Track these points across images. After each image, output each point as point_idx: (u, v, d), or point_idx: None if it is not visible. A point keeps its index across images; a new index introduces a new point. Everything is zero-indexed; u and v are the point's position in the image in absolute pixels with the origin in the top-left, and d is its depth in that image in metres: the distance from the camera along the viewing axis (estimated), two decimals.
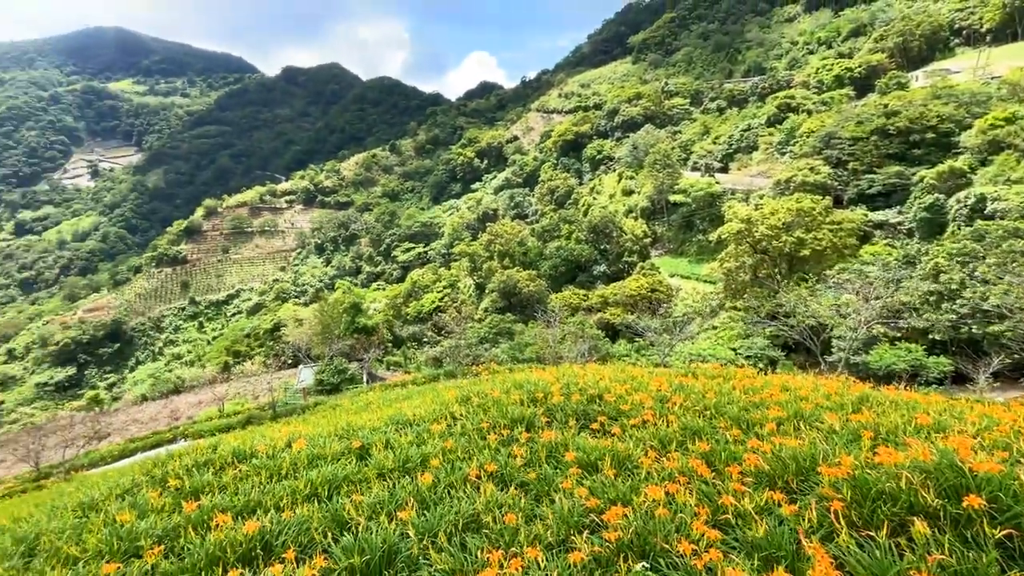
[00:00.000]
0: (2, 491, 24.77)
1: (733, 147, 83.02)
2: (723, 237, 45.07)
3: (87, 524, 5.29)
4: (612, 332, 43.87)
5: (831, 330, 26.14)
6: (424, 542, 4.11)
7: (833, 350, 26.69)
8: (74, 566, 4.29)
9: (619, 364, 17.69)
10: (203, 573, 3.97)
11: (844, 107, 71.06)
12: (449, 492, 5.08)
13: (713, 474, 4.83)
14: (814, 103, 79.24)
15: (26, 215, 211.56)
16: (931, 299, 30.47)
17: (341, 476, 5.63)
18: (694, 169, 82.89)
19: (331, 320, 53.18)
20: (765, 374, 10.52)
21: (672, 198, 71.12)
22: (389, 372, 46.35)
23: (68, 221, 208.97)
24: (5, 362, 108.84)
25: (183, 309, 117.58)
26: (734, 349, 34.03)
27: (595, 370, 11.44)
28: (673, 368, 16.05)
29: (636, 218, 74.94)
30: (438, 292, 74.96)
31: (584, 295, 54.13)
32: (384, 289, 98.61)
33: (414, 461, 5.97)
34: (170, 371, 80.00)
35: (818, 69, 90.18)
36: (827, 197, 47.72)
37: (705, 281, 55.27)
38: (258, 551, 4.23)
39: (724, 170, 79.46)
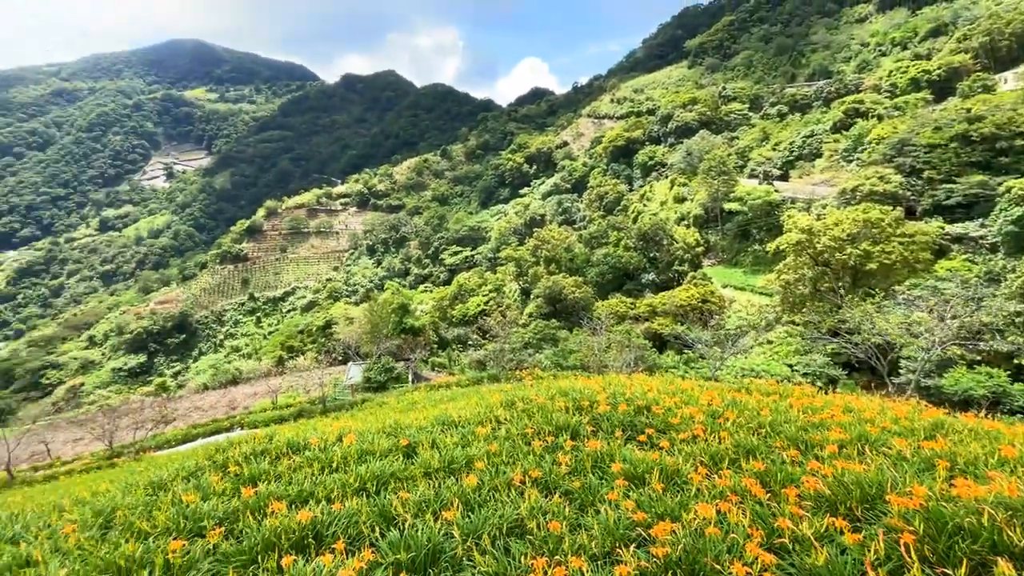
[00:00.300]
0: (80, 466, 26.94)
1: (794, 154, 79.46)
2: (781, 248, 43.07)
3: (156, 502, 5.66)
4: (659, 343, 42.81)
5: (900, 350, 24.40)
6: (468, 543, 4.14)
7: (901, 371, 24.91)
8: (145, 540, 4.59)
9: (667, 376, 17.24)
10: (259, 556, 4.15)
11: (920, 112, 66.50)
12: (493, 495, 5.10)
13: (768, 495, 4.63)
14: (886, 108, 74.65)
15: (109, 213, 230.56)
16: (1017, 320, 27.96)
17: (388, 473, 5.76)
18: (751, 176, 79.86)
19: (380, 320, 54.60)
20: (825, 393, 9.98)
21: (727, 206, 68.75)
22: (434, 373, 47.12)
23: (145, 219, 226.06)
24: (86, 347, 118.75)
25: (243, 304, 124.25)
26: (790, 365, 32.41)
27: (642, 381, 11.21)
28: (724, 383, 15.47)
29: (688, 226, 72.94)
30: (483, 296, 75.66)
31: (631, 303, 53.14)
32: (431, 291, 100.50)
33: (459, 462, 6.04)
34: (229, 363, 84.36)
35: (891, 72, 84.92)
36: (898, 208, 44.75)
37: (760, 293, 53.01)
38: (310, 540, 4.39)
39: (784, 178, 76.11)
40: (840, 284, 37.69)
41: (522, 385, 14.43)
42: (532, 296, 62.89)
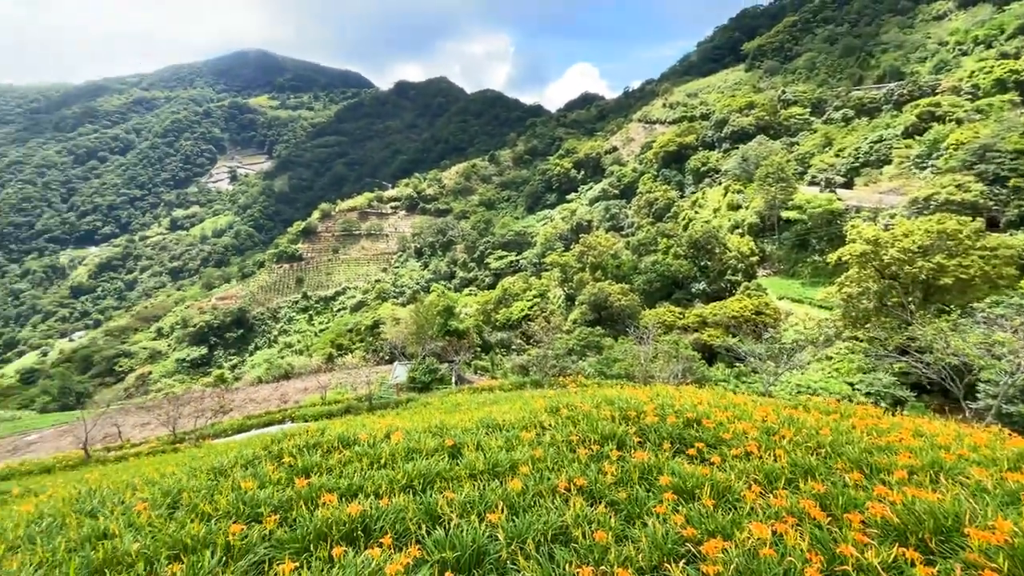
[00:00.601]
0: (147, 449, 28.82)
1: (860, 160, 75.21)
2: (844, 259, 40.73)
3: (218, 487, 5.99)
4: (709, 354, 41.43)
5: (979, 372, 22.52)
6: (513, 547, 4.14)
7: (980, 396, 22.95)
8: (207, 522, 4.87)
9: (717, 389, 16.66)
10: (312, 545, 4.31)
11: (1006, 115, 61.49)
12: (537, 501, 5.09)
13: (829, 519, 4.39)
14: (966, 111, 69.42)
15: (178, 213, 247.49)
16: None
17: (434, 472, 5.85)
18: (812, 184, 76.23)
19: (425, 321, 55.62)
20: (892, 415, 9.35)
21: (785, 214, 65.85)
22: (476, 376, 47.51)
23: (210, 219, 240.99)
24: (155, 338, 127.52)
25: (296, 302, 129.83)
26: (851, 384, 30.58)
27: (692, 393, 10.88)
28: (778, 399, 14.79)
29: (742, 234, 70.32)
30: (527, 301, 75.69)
31: (680, 313, 51.74)
32: (476, 295, 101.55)
33: (503, 466, 6.06)
34: (282, 358, 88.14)
35: (973, 72, 78.95)
36: (978, 218, 41.43)
37: (819, 306, 50.36)
38: (359, 532, 4.52)
39: (848, 185, 72.20)
40: (910, 299, 35.26)
41: (566, 392, 14.33)
42: (577, 302, 62.35)
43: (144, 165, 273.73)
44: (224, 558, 4.17)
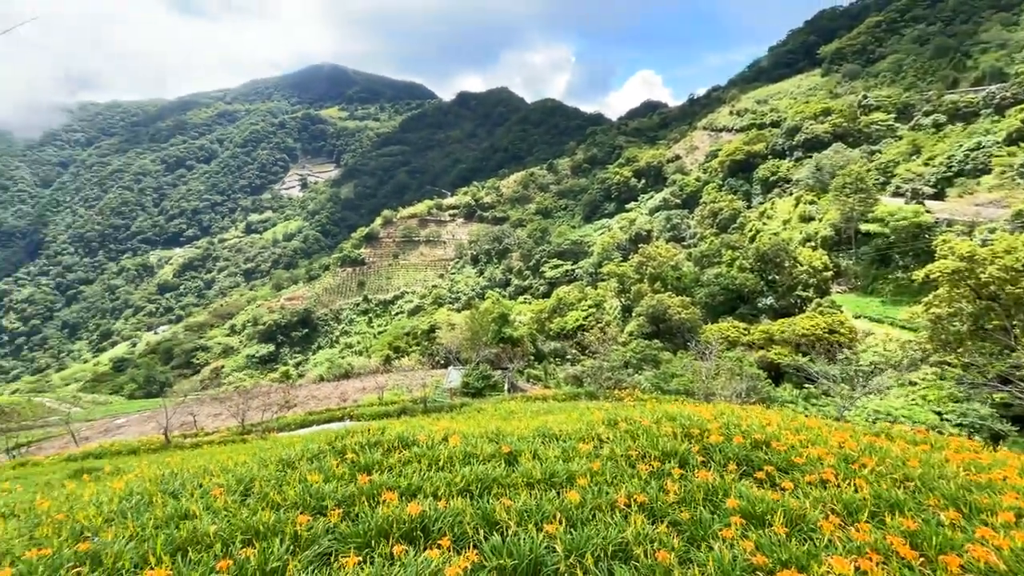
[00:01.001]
0: (219, 438, 30.74)
1: (953, 169, 69.22)
2: (932, 276, 37.37)
3: (286, 477, 6.28)
4: (775, 374, 39.22)
5: None
6: (571, 560, 4.05)
7: None
8: (277, 511, 5.10)
9: (786, 411, 15.72)
10: (373, 541, 4.41)
11: None
12: (595, 514, 4.97)
13: (920, 559, 3.99)
14: None
15: (253, 218, 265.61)
16: None
17: (491, 477, 5.85)
18: (896, 195, 70.95)
19: (480, 328, 56.20)
20: (994, 450, 8.44)
21: (864, 227, 61.55)
22: (529, 384, 47.41)
23: (281, 224, 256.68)
24: (228, 334, 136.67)
25: (357, 305, 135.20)
26: (939, 413, 27.91)
27: (759, 413, 10.32)
28: (855, 424, 13.74)
29: (815, 248, 66.32)
30: (583, 311, 74.83)
31: (744, 329, 49.41)
32: (530, 303, 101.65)
33: (560, 476, 5.97)
34: (343, 358, 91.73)
35: None
36: None
37: (902, 327, 46.47)
38: (418, 532, 4.58)
39: (938, 197, 66.60)
40: (1013, 323, 31.84)
41: (623, 405, 13.99)
42: (634, 314, 61.03)
43: (225, 173, 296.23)
44: (292, 547, 4.35)
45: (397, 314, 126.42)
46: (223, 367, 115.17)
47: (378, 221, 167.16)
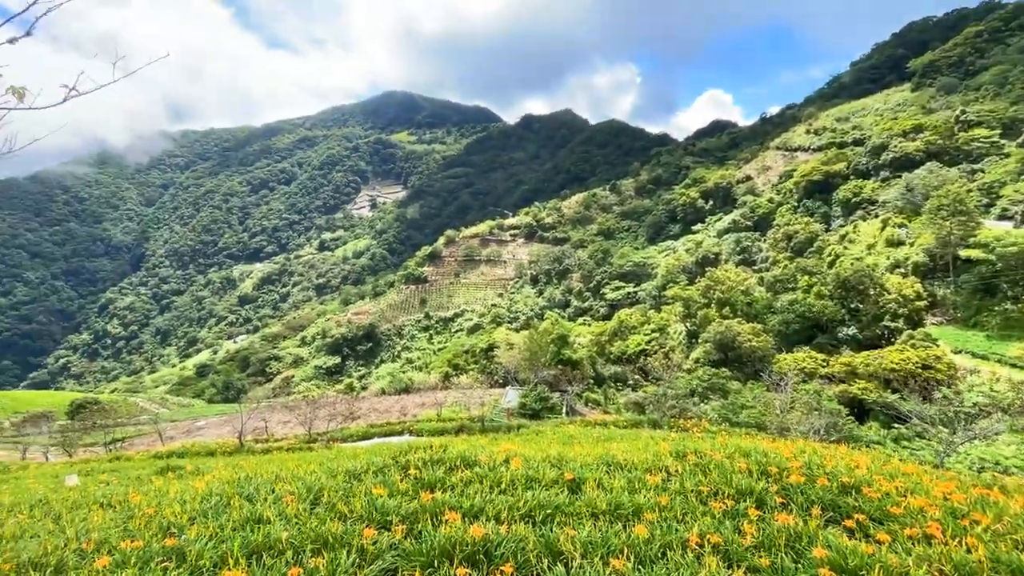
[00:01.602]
0: (287, 445, 32.17)
1: None
2: None
3: (352, 489, 6.41)
4: (859, 410, 36.08)
5: None
6: None
7: None
8: (344, 522, 5.20)
9: (875, 453, 14.34)
10: (435, 561, 4.38)
11: None
12: (665, 552, 4.68)
13: None
14: None
15: (326, 236, 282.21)
16: None
17: (554, 504, 5.69)
18: (1002, 218, 64.34)
19: (539, 348, 55.95)
20: None
21: (963, 253, 56.04)
22: (587, 408, 46.40)
23: (351, 242, 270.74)
24: (299, 346, 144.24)
25: (419, 321, 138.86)
26: None
27: (845, 454, 9.46)
28: (958, 472, 12.27)
29: (905, 275, 61.02)
30: (645, 335, 72.77)
31: (823, 360, 46.04)
32: (590, 325, 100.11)
33: (626, 508, 5.72)
34: (403, 372, 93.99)
35: None
36: None
37: (1013, 365, 41.47)
38: (481, 556, 4.49)
39: None
40: None
41: (690, 436, 13.31)
42: (700, 340, 58.56)
43: (302, 194, 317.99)
44: (358, 559, 4.40)
45: (457, 331, 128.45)
46: (293, 376, 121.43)
47: (441, 240, 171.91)
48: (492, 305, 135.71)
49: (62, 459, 35.84)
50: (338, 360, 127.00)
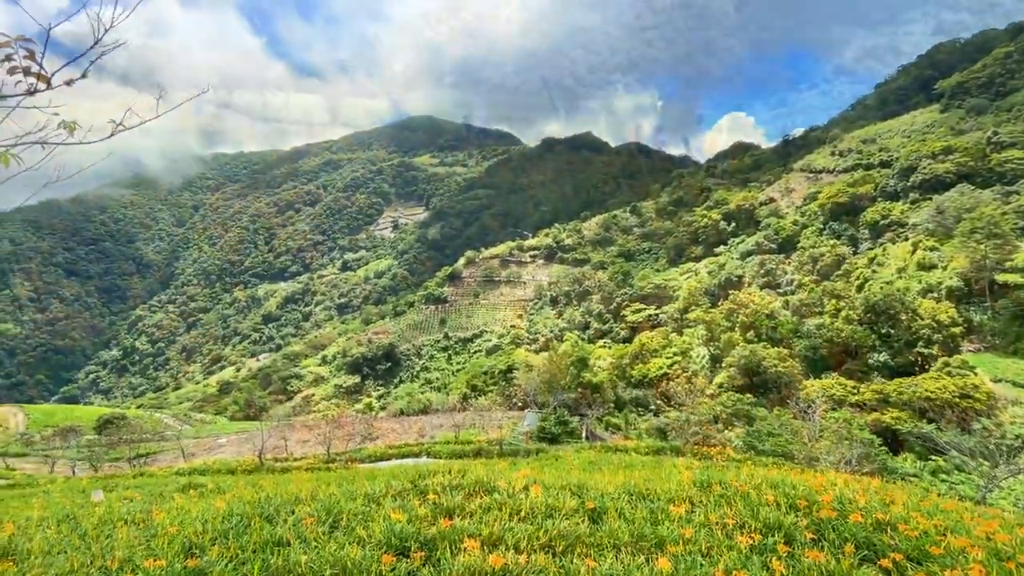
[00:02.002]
0: (305, 464, 32.28)
1: None
2: None
3: (371, 513, 6.38)
4: (893, 441, 34.66)
5: None
6: None
7: None
8: (363, 547, 5.16)
9: (912, 487, 13.72)
10: None
11: None
12: None
13: None
14: None
15: (349, 256, 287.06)
16: None
17: (575, 535, 5.56)
18: None
19: (558, 370, 55.44)
20: None
21: (1000, 278, 54.19)
22: (607, 433, 45.54)
23: (373, 262, 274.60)
24: (319, 364, 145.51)
25: (438, 341, 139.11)
26: None
27: (880, 488, 9.08)
28: (1002, 511, 11.63)
29: (938, 299, 59.09)
30: (667, 358, 71.58)
31: (853, 387, 44.56)
32: (610, 347, 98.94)
33: (649, 540, 5.55)
34: (422, 393, 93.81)
35: None
36: None
37: None
38: None
39: None
40: None
41: (713, 464, 12.93)
42: (723, 364, 57.34)
43: (327, 215, 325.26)
44: None
45: (476, 352, 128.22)
46: (313, 395, 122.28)
47: (461, 261, 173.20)
48: (511, 326, 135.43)
49: (88, 473, 36.58)
50: (358, 379, 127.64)
